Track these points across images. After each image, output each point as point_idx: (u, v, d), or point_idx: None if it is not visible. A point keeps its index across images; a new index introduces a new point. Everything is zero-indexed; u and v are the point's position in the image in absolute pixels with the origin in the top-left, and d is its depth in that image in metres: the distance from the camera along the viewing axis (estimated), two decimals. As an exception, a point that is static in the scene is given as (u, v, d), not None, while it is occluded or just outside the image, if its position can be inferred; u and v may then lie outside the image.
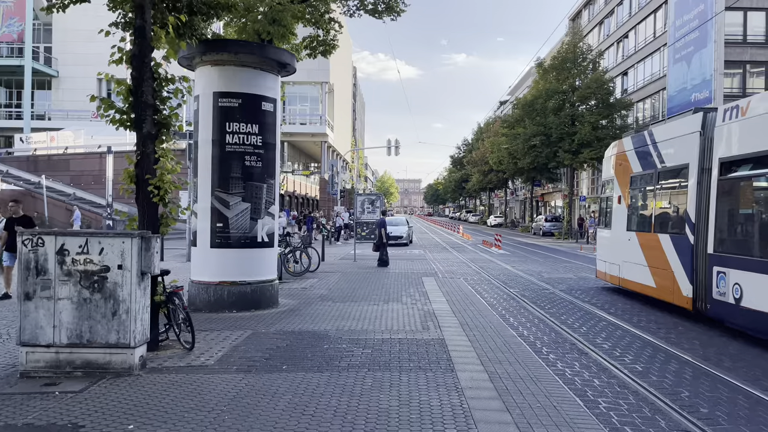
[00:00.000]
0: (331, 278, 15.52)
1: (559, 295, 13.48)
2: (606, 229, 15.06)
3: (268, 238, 10.78)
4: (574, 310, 11.56)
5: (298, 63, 12.59)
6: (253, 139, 10.51)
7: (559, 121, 41.18)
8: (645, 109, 45.18)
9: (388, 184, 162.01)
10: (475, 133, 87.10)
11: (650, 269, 11.92)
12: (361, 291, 13.01)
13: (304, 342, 7.84)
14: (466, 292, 12.89)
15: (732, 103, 9.57)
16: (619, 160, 14.17)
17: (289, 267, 16.17)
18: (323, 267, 18.18)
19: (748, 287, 8.55)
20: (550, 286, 14.92)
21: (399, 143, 34.84)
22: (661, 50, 42.21)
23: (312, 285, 14.04)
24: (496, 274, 17.65)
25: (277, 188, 11.30)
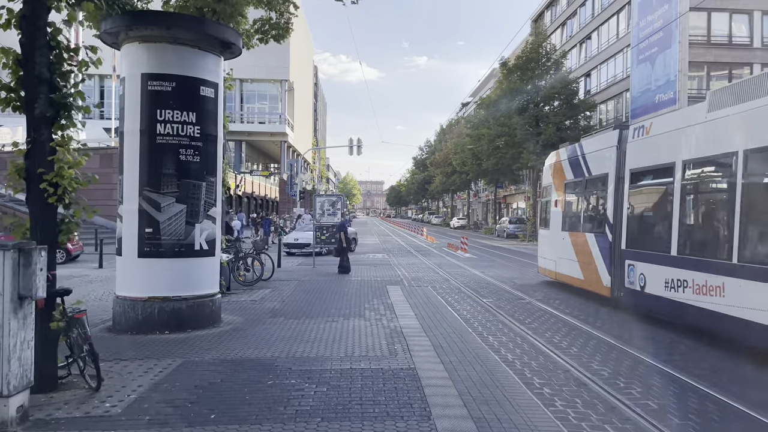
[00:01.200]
0: (286, 288, 14.01)
1: (537, 306, 12.29)
2: (545, 229, 16.75)
3: (207, 246, 9.24)
4: (559, 325, 10.36)
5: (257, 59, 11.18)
6: (189, 129, 8.97)
7: (523, 121, 40.49)
8: (608, 111, 44.91)
9: (350, 186, 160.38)
10: (437, 135, 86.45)
11: (579, 264, 13.61)
12: (319, 304, 11.55)
13: (245, 375, 6.36)
14: (435, 303, 11.58)
15: (639, 122, 11.72)
16: (555, 169, 15.91)
17: (239, 276, 14.59)
18: (279, 274, 16.66)
19: (650, 276, 10.52)
20: (525, 295, 13.73)
21: (361, 142, 33.48)
22: (624, 51, 41.94)
23: (263, 297, 12.51)
24: (466, 281, 16.43)
25: (219, 187, 9.78)
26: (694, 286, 9.09)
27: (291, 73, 58.23)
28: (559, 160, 15.62)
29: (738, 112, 8.54)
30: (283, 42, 13.84)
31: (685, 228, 9.80)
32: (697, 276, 9.02)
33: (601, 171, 12.96)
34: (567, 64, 46.14)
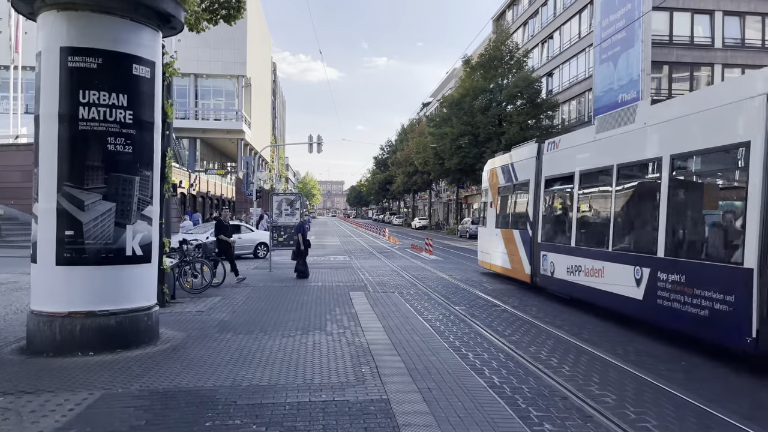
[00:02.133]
0: (239, 295, 12.69)
1: (513, 313, 11.33)
2: (483, 227, 19.11)
3: (142, 251, 7.90)
4: (541, 335, 9.39)
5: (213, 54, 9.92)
6: (119, 114, 7.63)
7: (486, 120, 39.95)
8: (571, 111, 44.80)
9: (310, 186, 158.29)
10: (398, 134, 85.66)
11: (508, 256, 16.02)
12: (274, 314, 10.31)
13: (177, 415, 5.12)
14: (404, 312, 10.48)
15: (552, 138, 14.73)
16: (491, 174, 18.24)
17: (185, 282, 13.19)
18: (231, 279, 15.30)
19: (556, 264, 12.86)
20: (498, 301, 12.78)
21: (321, 139, 32.16)
22: (586, 51, 41.86)
23: (212, 306, 11.18)
24: (434, 285, 15.40)
25: (157, 183, 8.44)
26: (585, 270, 11.48)
27: (248, 68, 56.42)
28: (495, 167, 18.03)
29: (614, 135, 10.87)
30: (234, 23, 12.55)
31: (579, 224, 12.38)
32: (588, 262, 11.42)
33: (524, 178, 15.23)
34: (529, 64, 45.83)
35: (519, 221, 15.62)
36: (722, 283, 7.62)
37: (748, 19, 34.25)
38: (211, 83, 57.03)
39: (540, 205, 14.16)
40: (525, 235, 14.80)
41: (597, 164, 11.60)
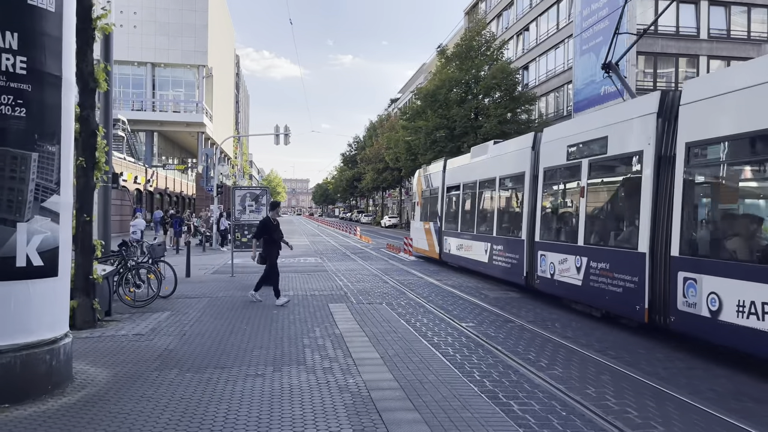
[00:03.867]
0: (192, 309, 10.29)
1: (537, 332, 9.22)
2: (413, 221, 25.08)
3: (43, 260, 5.50)
4: (586, 365, 7.29)
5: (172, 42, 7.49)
6: (5, 61, 5.21)
7: (463, 113, 38.01)
8: (549, 105, 43.25)
9: (275, 183, 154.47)
10: (367, 130, 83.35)
11: (426, 242, 21.34)
12: (236, 338, 7.96)
13: None
14: (402, 333, 8.27)
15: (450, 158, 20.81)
16: (418, 181, 24.19)
17: (126, 294, 10.70)
18: (186, 287, 12.87)
19: (452, 245, 18.31)
20: (509, 314, 10.66)
21: (289, 130, 29.66)
22: (565, 42, 40.32)
23: (156, 326, 8.77)
24: (425, 293, 13.21)
25: (68, 163, 6.02)
26: (465, 247, 17.03)
27: (209, 58, 53.38)
28: (420, 176, 24.01)
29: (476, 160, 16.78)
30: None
31: (462, 217, 17.79)
32: (467, 242, 16.99)
33: (435, 185, 20.90)
34: (506, 55, 44.07)
35: (434, 216, 20.90)
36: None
37: (734, 9, 33.13)
38: (170, 73, 53.77)
39: (443, 204, 19.90)
40: (435, 226, 20.46)
41: (478, 176, 16.65)
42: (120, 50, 51.16)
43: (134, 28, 51.02)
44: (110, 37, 11.47)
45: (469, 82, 39.62)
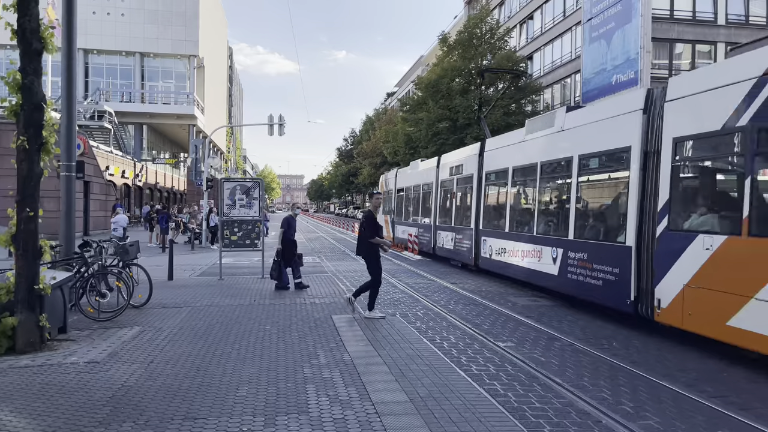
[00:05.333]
0: (168, 323, 8.50)
1: (598, 356, 7.47)
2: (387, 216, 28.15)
3: None
4: (684, 409, 5.55)
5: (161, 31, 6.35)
6: None
7: (466, 103, 36.23)
8: (554, 95, 41.51)
9: (269, 179, 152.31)
10: (363, 124, 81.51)
11: (385, 230, 21.50)
12: (217, 369, 6.18)
13: None
14: (429, 358, 6.52)
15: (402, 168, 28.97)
16: (381, 183, 30.66)
17: (87, 306, 8.91)
18: (165, 293, 11.11)
19: (401, 231, 25.05)
20: (550, 329, 8.91)
21: (284, 120, 27.80)
22: (573, 30, 38.56)
23: (118, 348, 6.98)
24: (444, 300, 11.42)
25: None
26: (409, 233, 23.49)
27: (201, 48, 51.39)
28: (383, 179, 30.56)
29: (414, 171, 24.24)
30: None
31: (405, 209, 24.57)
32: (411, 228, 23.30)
33: (391, 187, 27.82)
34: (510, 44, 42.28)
35: (389, 210, 27.55)
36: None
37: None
38: (160, 63, 51.76)
39: (395, 201, 26.67)
40: (391, 217, 26.98)
41: (412, 183, 24.01)
42: (107, 39, 49.17)
43: (122, 16, 49.00)
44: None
45: (472, 72, 37.87)
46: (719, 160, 8.04)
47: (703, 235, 7.44)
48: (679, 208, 8.11)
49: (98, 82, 49.46)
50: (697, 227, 7.66)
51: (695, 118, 7.82)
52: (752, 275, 6.60)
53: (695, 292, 7.45)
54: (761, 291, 6.44)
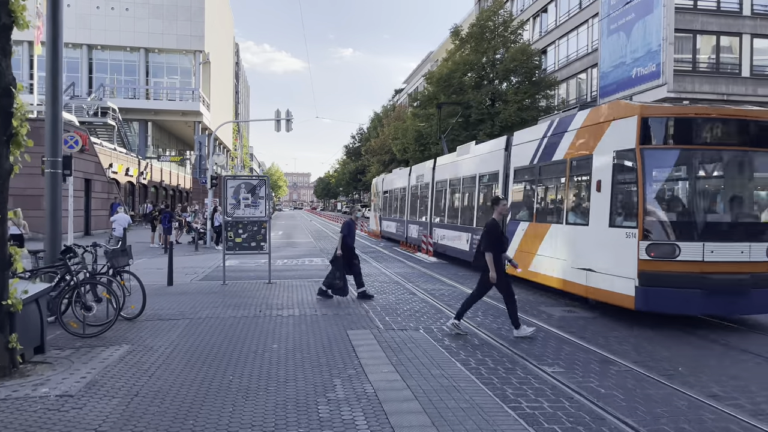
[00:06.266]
0: (162, 340, 7.46)
1: (678, 391, 6.35)
2: (371, 211, 36.97)
3: None
4: None
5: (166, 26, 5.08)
6: None
7: (479, 98, 35.05)
8: (570, 90, 40.24)
9: (276, 177, 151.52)
10: (371, 121, 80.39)
11: (374, 225, 33.61)
12: (214, 406, 5.10)
13: None
14: (468, 391, 5.43)
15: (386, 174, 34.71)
16: (373, 185, 36.16)
17: (70, 320, 7.87)
18: (162, 302, 10.06)
19: (387, 226, 30.20)
20: (605, 351, 7.80)
21: (291, 115, 26.73)
22: (589, 23, 37.28)
23: (100, 375, 5.94)
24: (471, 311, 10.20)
25: None
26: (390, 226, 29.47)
27: (206, 43, 50.41)
28: (375, 183, 35.62)
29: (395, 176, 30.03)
30: None
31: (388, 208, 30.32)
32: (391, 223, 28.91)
33: (379, 189, 32.82)
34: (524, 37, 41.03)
35: (377, 208, 33.17)
36: None
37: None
38: (165, 59, 50.83)
39: (382, 201, 31.83)
40: (379, 214, 32.47)
41: (393, 186, 29.06)
42: (111, 35, 48.26)
43: (126, 11, 48.08)
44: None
45: (485, 66, 36.68)
46: (528, 180, 13.40)
47: (522, 222, 13.26)
48: (515, 208, 13.81)
49: (102, 78, 48.58)
50: (520, 218, 13.47)
51: (521, 157, 13.63)
52: (537, 242, 12.26)
53: (520, 253, 12.84)
54: (539, 250, 12.13)
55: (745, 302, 8.95)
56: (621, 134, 9.52)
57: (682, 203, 9.58)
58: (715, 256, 8.74)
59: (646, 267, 8.75)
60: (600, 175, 10.00)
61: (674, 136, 9.25)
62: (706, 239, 8.81)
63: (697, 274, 8.65)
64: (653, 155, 9.13)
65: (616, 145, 9.63)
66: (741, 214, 9.51)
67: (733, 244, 8.90)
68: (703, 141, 9.20)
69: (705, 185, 9.67)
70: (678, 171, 9.63)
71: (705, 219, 9.25)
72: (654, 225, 8.92)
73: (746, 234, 9.08)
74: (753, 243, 8.91)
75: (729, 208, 9.54)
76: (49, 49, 9.28)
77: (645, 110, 9.26)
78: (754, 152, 9.26)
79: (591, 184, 10.32)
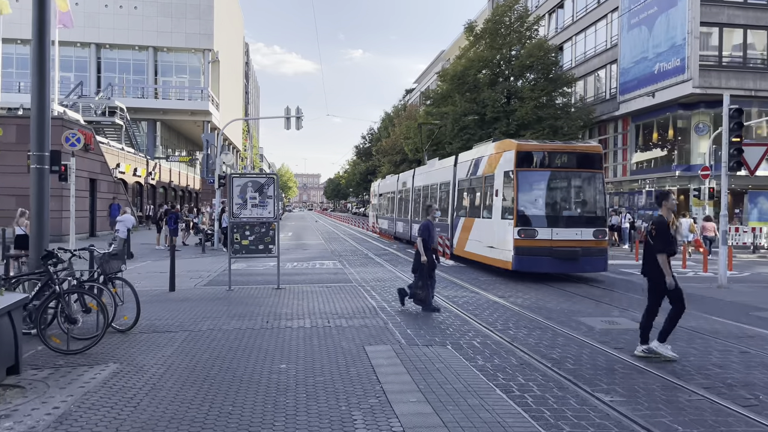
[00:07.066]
0: (155, 358, 6.54)
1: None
2: (371, 211, 42.33)
3: None
4: None
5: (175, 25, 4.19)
6: None
7: (494, 96, 33.99)
8: (587, 88, 39.09)
9: (286, 178, 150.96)
10: (382, 121, 79.44)
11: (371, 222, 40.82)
12: (208, 447, 4.18)
13: None
14: (512, 426, 4.46)
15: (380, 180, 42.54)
16: (373, 188, 41.03)
17: (51, 335, 6.97)
18: (159, 310, 9.16)
19: (382, 222, 34.91)
20: (658, 369, 6.78)
21: (301, 113, 25.85)
22: (608, 18, 36.14)
23: (77, 405, 5.02)
24: (501, 322, 9.26)
25: None
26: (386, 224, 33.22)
27: (216, 41, 49.69)
28: (374, 186, 40.83)
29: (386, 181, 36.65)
30: None
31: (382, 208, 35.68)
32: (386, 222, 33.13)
33: (375, 191, 39.47)
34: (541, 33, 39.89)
35: (375, 208, 38.75)
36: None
37: (811, -27, 28.81)
38: (173, 58, 50.16)
39: (377, 202, 37.43)
40: (374, 212, 38.44)
41: (385, 190, 34.44)
42: (120, 33, 47.65)
43: (134, 9, 47.46)
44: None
45: (500, 62, 35.63)
46: (465, 188, 18.35)
47: (461, 217, 18.27)
48: (458, 206, 18.89)
49: (111, 78, 47.99)
50: (460, 214, 18.52)
51: (461, 172, 18.64)
52: (469, 230, 17.25)
53: (461, 239, 17.93)
54: (470, 236, 17.08)
55: (578, 265, 14.49)
56: (507, 161, 14.89)
57: (539, 204, 14.68)
58: (559, 236, 14.19)
59: (518, 243, 14.13)
60: (497, 186, 15.29)
61: (535, 162, 14.73)
62: (553, 226, 14.29)
63: (548, 248, 14.06)
64: (523, 174, 14.59)
65: (505, 167, 14.98)
66: (574, 210, 14.97)
67: (569, 229, 14.36)
68: (553, 165, 14.70)
69: (553, 192, 14.92)
70: (537, 183, 14.80)
71: (553, 214, 14.57)
72: (523, 218, 14.29)
73: (578, 223, 14.57)
74: (582, 228, 14.42)
75: (567, 207, 14.98)
76: (35, 38, 8.45)
77: (520, 146, 14.81)
78: (581, 171, 14.88)
79: (493, 192, 15.52)
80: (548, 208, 14.49)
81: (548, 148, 14.97)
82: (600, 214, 14.93)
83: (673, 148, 31.09)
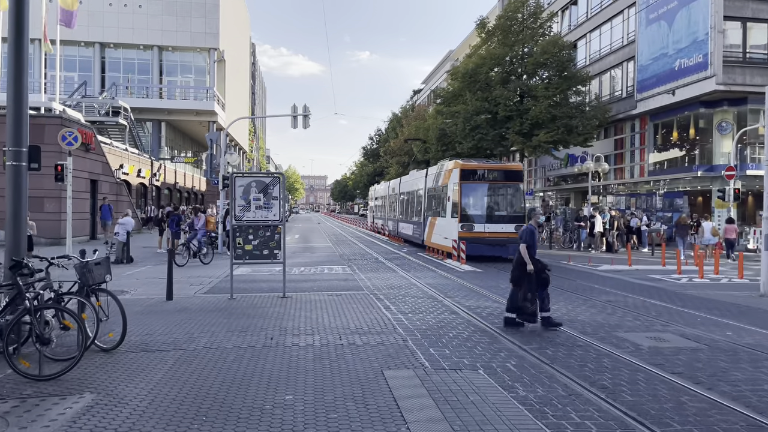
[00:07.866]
0: (138, 387, 5.58)
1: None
2: (368, 212, 50.73)
3: None
4: None
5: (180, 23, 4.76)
6: None
7: (507, 94, 32.93)
8: (603, 85, 37.97)
9: (293, 180, 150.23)
10: (390, 122, 78.48)
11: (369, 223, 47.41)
12: None
13: None
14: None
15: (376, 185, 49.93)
16: (371, 192, 49.30)
17: (21, 358, 6.03)
18: (153, 323, 8.20)
19: (378, 220, 41.59)
20: (728, 399, 5.78)
21: (309, 111, 24.91)
22: (624, 13, 35.03)
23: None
24: (534, 339, 8.26)
25: None
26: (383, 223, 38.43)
27: (221, 41, 48.83)
28: (371, 190, 48.38)
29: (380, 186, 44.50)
30: None
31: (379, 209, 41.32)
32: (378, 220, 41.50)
33: (371, 195, 48.23)
34: (554, 29, 38.81)
35: (372, 210, 45.80)
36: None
37: (839, -35, 27.60)
38: (179, 57, 49.33)
39: (373, 203, 45.03)
40: (372, 213, 45.59)
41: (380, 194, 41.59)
42: (124, 32, 46.87)
43: (139, 8, 46.67)
44: None
45: (512, 60, 34.57)
46: (431, 195, 24.03)
47: (430, 216, 24.02)
48: (428, 208, 24.50)
49: (115, 77, 47.24)
50: (429, 214, 24.24)
51: (430, 181, 24.48)
52: (433, 227, 23.30)
53: (428, 233, 24.07)
54: (434, 230, 23.12)
55: (506, 250, 19.26)
56: (455, 175, 20.58)
57: (476, 206, 20.28)
58: (491, 230, 19.75)
59: (461, 234, 19.61)
60: (449, 194, 20.95)
61: (472, 177, 20.40)
62: (486, 222, 19.89)
63: (483, 237, 19.62)
64: (465, 185, 20.19)
65: (454, 180, 20.60)
66: (501, 211, 20.43)
67: (498, 225, 19.84)
68: (486, 178, 20.44)
69: (486, 198, 20.44)
70: (474, 192, 20.41)
71: (485, 213, 20.14)
72: (464, 216, 19.92)
73: (503, 220, 20.01)
74: (506, 224, 19.78)
75: (496, 209, 20.47)
76: (11, 25, 7.59)
77: (463, 166, 20.64)
78: (506, 183, 20.64)
79: (447, 197, 21.11)
80: (483, 209, 20.31)
81: (483, 167, 21.03)
82: (520, 213, 20.27)
83: (693, 147, 29.94)
